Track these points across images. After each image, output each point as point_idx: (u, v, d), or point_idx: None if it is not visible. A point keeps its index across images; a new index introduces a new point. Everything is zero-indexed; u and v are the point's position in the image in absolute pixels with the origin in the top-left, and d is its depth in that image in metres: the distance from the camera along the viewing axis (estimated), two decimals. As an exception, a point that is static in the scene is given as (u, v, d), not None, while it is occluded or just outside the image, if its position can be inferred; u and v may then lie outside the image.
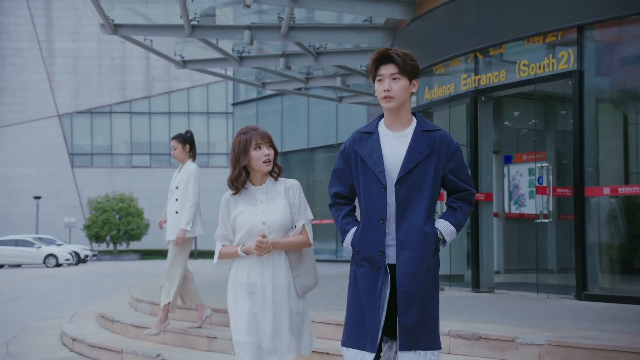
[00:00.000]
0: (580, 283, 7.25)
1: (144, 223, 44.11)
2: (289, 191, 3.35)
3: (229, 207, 3.33)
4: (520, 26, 7.97)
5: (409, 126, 3.03)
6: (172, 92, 51.89)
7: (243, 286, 3.29)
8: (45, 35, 51.33)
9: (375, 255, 2.96)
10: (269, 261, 3.29)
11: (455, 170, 3.02)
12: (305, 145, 23.11)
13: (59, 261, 31.92)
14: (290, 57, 12.75)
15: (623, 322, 5.36)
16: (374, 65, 3.01)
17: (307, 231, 3.34)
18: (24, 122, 50.47)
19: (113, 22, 10.80)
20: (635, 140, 7.95)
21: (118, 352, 6.24)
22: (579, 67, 7.38)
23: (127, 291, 11.20)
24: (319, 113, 22.93)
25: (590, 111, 7.45)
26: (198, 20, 10.85)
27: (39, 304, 12.59)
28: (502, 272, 11.70)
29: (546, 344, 4.39)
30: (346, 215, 3.10)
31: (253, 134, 3.29)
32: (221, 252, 3.36)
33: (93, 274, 23.79)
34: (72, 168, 50.75)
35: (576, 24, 7.35)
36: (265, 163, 3.28)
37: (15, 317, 10.46)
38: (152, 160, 51.62)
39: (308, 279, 3.36)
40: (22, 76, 50.76)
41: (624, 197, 7.45)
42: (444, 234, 3.00)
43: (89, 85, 51.41)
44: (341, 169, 3.11)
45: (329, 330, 5.44)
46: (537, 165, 8.25)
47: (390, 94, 2.96)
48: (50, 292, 15.46)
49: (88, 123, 51.50)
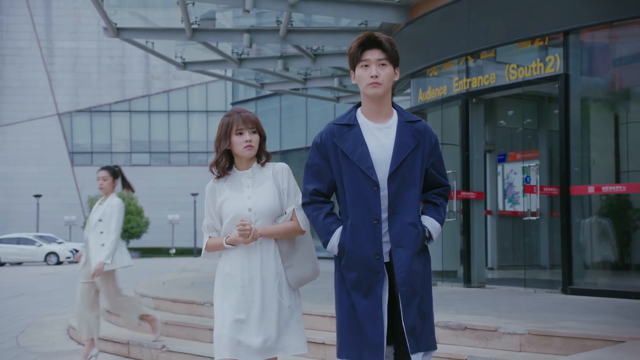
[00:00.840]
0: (566, 278, 7.57)
1: (143, 221, 44.38)
2: (278, 175, 3.14)
3: (214, 194, 3.13)
4: (509, 31, 8.28)
5: (391, 117, 2.85)
6: (171, 91, 52.16)
7: (231, 278, 3.08)
8: (45, 35, 51.58)
9: (371, 258, 2.76)
10: (257, 251, 3.07)
11: (436, 164, 2.90)
12: (304, 144, 23.41)
13: (59, 259, 32.20)
14: (288, 58, 13.05)
15: (603, 313, 5.68)
16: (359, 49, 2.78)
17: (298, 217, 3.08)
18: (24, 120, 50.74)
19: (116, 25, 11.09)
20: (619, 140, 8.25)
21: (124, 344, 6.55)
22: (565, 71, 7.69)
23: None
24: (317, 112, 23.23)
25: (575, 113, 7.76)
26: (198, 23, 11.16)
27: (43, 300, 12.88)
28: (496, 268, 12.00)
29: (526, 334, 4.71)
30: (328, 214, 2.86)
31: (235, 118, 3.09)
32: (208, 244, 3.16)
33: (94, 272, 24.05)
34: (72, 166, 51.04)
35: (562, 29, 7.66)
36: (247, 148, 3.08)
37: (21, 312, 10.76)
38: (151, 159, 51.92)
39: (303, 269, 3.12)
40: (22, 75, 51.02)
41: (608, 196, 7.77)
42: (431, 231, 2.86)
43: (88, 84, 51.69)
44: (317, 164, 2.86)
45: (324, 322, 5.75)
46: (524, 164, 8.57)
47: (378, 80, 2.76)
48: (53, 289, 15.76)
49: (88, 122, 51.77)
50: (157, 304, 7.83)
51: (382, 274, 2.76)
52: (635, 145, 8.09)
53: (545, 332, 4.65)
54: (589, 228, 7.83)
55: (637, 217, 7.92)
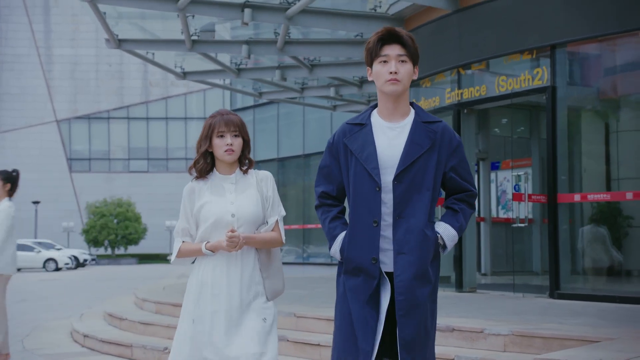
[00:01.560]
0: (553, 283, 7.85)
1: (141, 227, 44.59)
2: (262, 182, 3.02)
3: (192, 196, 2.98)
4: (499, 44, 8.58)
5: (407, 116, 2.70)
6: (169, 98, 52.42)
7: (206, 286, 2.92)
8: (44, 42, 51.87)
9: (367, 263, 2.63)
10: (237, 259, 2.94)
11: (457, 167, 2.71)
12: (301, 151, 23.68)
13: (58, 265, 32.39)
14: (285, 69, 13.36)
15: (584, 316, 5.96)
16: (377, 44, 2.65)
17: (280, 228, 3.00)
18: (23, 127, 50.97)
19: (117, 37, 11.38)
20: (606, 149, 8.56)
21: (128, 347, 6.81)
22: (552, 83, 7.99)
23: (131, 292, 11.77)
24: (314, 120, 23.49)
25: (562, 123, 8.07)
26: (198, 35, 11.45)
27: (45, 305, 13.13)
28: (489, 274, 12.29)
29: (510, 335, 4.98)
30: (334, 218, 2.76)
31: (217, 120, 2.97)
32: (181, 249, 2.97)
33: (93, 278, 24.31)
34: (71, 173, 51.24)
35: (549, 43, 7.97)
36: (227, 152, 2.95)
37: (24, 317, 11.01)
38: (149, 165, 52.15)
39: (277, 281, 3.03)
40: (20, 82, 51.26)
41: (597, 204, 8.07)
42: (445, 238, 2.68)
43: (87, 90, 51.95)
44: (328, 165, 2.77)
45: (321, 325, 6.02)
46: (513, 173, 8.86)
47: (397, 76, 2.62)
48: (54, 294, 16.00)
49: (86, 128, 52.00)
50: (159, 308, 8.09)
51: (378, 280, 2.62)
52: (621, 153, 8.40)
53: (528, 333, 4.93)
54: (579, 234, 8.12)
55: (621, 224, 8.21)
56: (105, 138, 51.98)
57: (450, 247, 2.70)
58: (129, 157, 52.02)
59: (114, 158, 51.90)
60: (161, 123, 52.35)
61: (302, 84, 15.09)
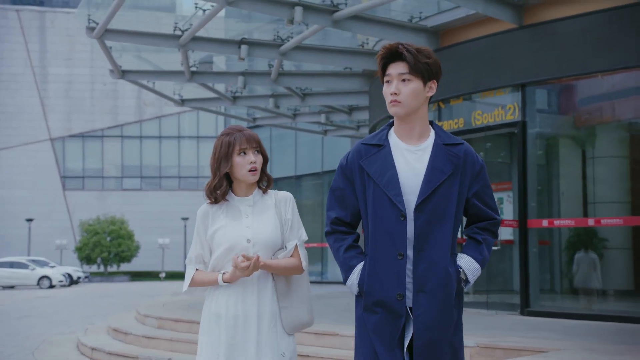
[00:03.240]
0: (524, 301, 8.59)
1: (134, 245, 45.03)
2: (281, 204, 2.77)
3: (206, 221, 2.76)
4: (475, 82, 9.38)
5: (426, 138, 2.49)
6: (162, 117, 53.10)
7: (220, 318, 2.71)
8: (39, 61, 52.59)
9: (392, 300, 2.40)
10: (254, 287, 2.71)
11: (481, 193, 2.50)
12: (293, 173, 24.44)
13: (52, 282, 32.73)
14: (279, 97, 14.14)
15: (545, 331, 6.68)
16: (381, 63, 2.50)
17: (300, 254, 2.75)
18: (17, 145, 51.50)
19: (121, 68, 12.13)
20: (571, 177, 9.35)
21: (134, 358, 7.46)
22: (522, 118, 8.78)
23: (131, 309, 12.40)
24: (306, 142, 24.28)
25: (532, 156, 8.85)
26: (197, 67, 12.21)
27: (46, 321, 13.70)
28: (471, 293, 13.01)
29: (476, 346, 5.70)
30: (349, 247, 2.53)
31: (237, 137, 2.72)
32: (194, 278, 2.75)
33: (88, 295, 24.80)
34: (64, 191, 51.71)
35: (520, 82, 8.78)
36: (251, 172, 2.72)
37: (30, 332, 11.59)
38: (142, 183, 52.72)
39: (299, 313, 2.74)
40: (15, 100, 51.87)
41: (556, 230, 8.84)
42: (467, 273, 2.47)
43: (81, 109, 52.60)
44: (342, 188, 2.54)
45: (309, 338, 6.70)
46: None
47: (397, 97, 2.44)
48: (53, 311, 16.55)
49: (80, 147, 52.57)
50: (161, 323, 8.75)
51: (405, 318, 2.40)
52: (587, 181, 9.18)
53: (491, 345, 5.65)
54: (544, 257, 8.87)
55: (596, 245, 8.93)
56: (99, 156, 52.56)
57: (472, 282, 2.49)
58: (123, 175, 52.57)
59: (107, 176, 52.43)
60: (154, 142, 53.00)
61: (294, 111, 15.87)
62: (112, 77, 12.25)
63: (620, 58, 7.85)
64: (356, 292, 2.51)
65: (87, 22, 9.94)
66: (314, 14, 8.99)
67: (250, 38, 10.65)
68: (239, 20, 11.05)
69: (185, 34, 10.00)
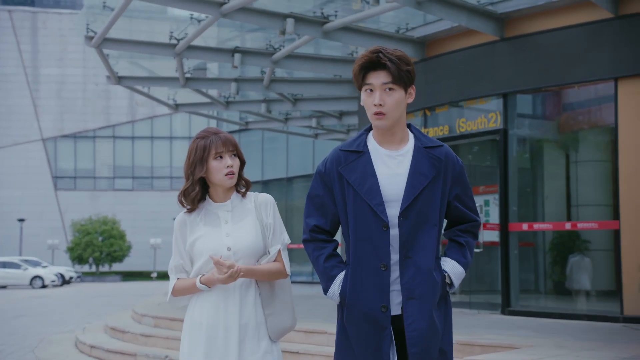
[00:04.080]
0: (505, 301, 9.00)
1: (126, 245, 45.25)
2: (261, 208, 2.67)
3: (184, 230, 2.66)
4: (458, 91, 9.79)
5: (406, 143, 2.44)
6: (155, 117, 53.32)
7: (201, 328, 2.60)
8: (31, 61, 52.69)
9: (375, 312, 2.35)
10: (235, 294, 2.60)
11: (462, 195, 2.46)
12: (285, 175, 24.81)
13: (44, 282, 32.93)
14: (271, 102, 14.51)
15: (524, 329, 7.08)
16: (360, 72, 2.39)
17: (283, 258, 2.66)
18: (9, 145, 51.60)
19: (117, 74, 12.46)
20: (547, 184, 9.77)
21: (132, 355, 7.81)
22: (504, 126, 9.20)
23: (127, 308, 12.73)
24: (297, 144, 24.61)
25: (513, 163, 9.27)
26: (191, 73, 12.56)
27: (42, 320, 14.00)
28: (457, 293, 13.41)
29: (456, 344, 6.08)
30: (330, 256, 2.46)
31: (213, 140, 2.61)
32: (175, 287, 2.66)
33: (81, 295, 25.07)
34: (56, 191, 51.83)
35: (501, 92, 9.19)
36: (228, 176, 2.61)
37: (28, 331, 11.90)
38: (134, 184, 52.91)
39: (283, 318, 2.67)
40: (7, 100, 51.95)
41: (540, 232, 9.25)
42: (452, 276, 2.43)
43: (73, 110, 52.74)
44: (320, 196, 2.47)
45: (300, 337, 7.08)
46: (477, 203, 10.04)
47: (382, 109, 2.36)
48: (47, 310, 16.83)
49: (72, 147, 52.72)
50: (157, 322, 9.10)
51: (389, 330, 2.36)
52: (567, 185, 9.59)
53: (469, 342, 6.04)
54: (525, 259, 9.29)
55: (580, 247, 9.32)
56: (91, 156, 52.72)
57: (457, 286, 2.45)
58: (114, 175, 52.76)
59: (99, 176, 52.60)
60: (147, 142, 53.21)
61: (286, 115, 16.24)
62: (109, 82, 12.58)
63: (595, 70, 8.28)
64: (337, 301, 2.45)
65: (86, 31, 10.27)
66: (305, 25, 9.36)
67: (244, 47, 11.01)
68: (232, 28, 11.40)
69: (181, 43, 10.36)
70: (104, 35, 10.01)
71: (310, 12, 9.52)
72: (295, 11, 9.37)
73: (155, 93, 14.62)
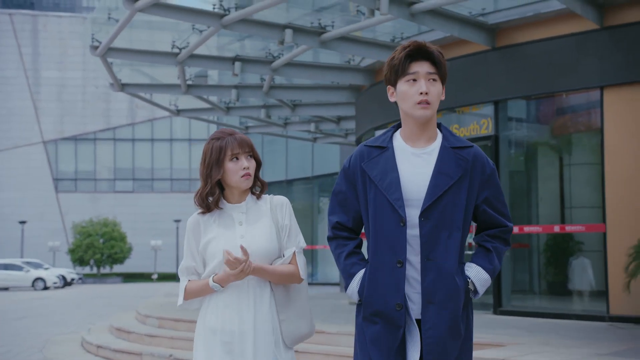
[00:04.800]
0: (496, 301, 9.32)
1: (126, 247, 45.55)
2: (277, 210, 2.62)
3: (197, 231, 2.62)
4: (452, 99, 10.06)
5: (434, 141, 2.38)
6: (155, 120, 53.63)
7: (215, 334, 2.55)
8: (32, 64, 53.02)
9: (391, 310, 2.29)
10: (250, 298, 2.55)
11: (491, 199, 2.39)
12: (284, 177, 25.14)
13: (46, 284, 33.20)
14: (270, 108, 14.85)
15: (513, 328, 7.40)
16: (405, 60, 2.33)
17: (298, 262, 2.60)
18: (10, 148, 51.92)
19: (121, 81, 12.79)
20: (537, 188, 10.11)
21: (138, 355, 8.13)
22: (495, 132, 9.53)
23: (127, 309, 13.03)
24: (297, 147, 24.97)
25: (504, 165, 9.60)
26: (192, 80, 12.89)
27: (45, 321, 14.30)
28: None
29: (446, 342, 6.41)
30: (351, 253, 2.42)
31: (229, 141, 2.57)
32: (187, 289, 2.61)
33: (83, 296, 25.38)
34: (57, 193, 52.15)
35: (493, 99, 9.52)
36: (244, 177, 2.57)
37: (32, 332, 12.20)
38: (135, 185, 53.23)
39: (300, 325, 2.59)
40: (8, 103, 52.27)
41: (531, 235, 9.58)
42: (476, 283, 2.34)
43: (73, 112, 53.06)
44: (343, 192, 2.44)
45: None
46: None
47: (428, 98, 2.31)
48: (50, 312, 17.13)
49: (72, 149, 53.04)
50: (161, 322, 9.42)
51: (404, 329, 2.29)
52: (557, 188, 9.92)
53: (459, 340, 6.36)
54: (515, 261, 9.62)
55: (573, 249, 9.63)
56: (91, 159, 53.04)
57: (481, 293, 2.36)
58: (115, 177, 53.08)
59: (99, 178, 52.93)
60: (147, 144, 53.54)
61: (285, 120, 16.58)
62: (112, 89, 12.91)
63: (582, 79, 8.62)
64: (357, 300, 2.41)
65: (91, 40, 10.60)
66: (303, 36, 9.68)
67: (243, 55, 11.34)
68: (232, 37, 11.74)
69: (183, 52, 10.68)
70: (109, 45, 10.34)
71: (308, 22, 9.84)
72: (293, 22, 9.71)
73: (157, 98, 14.95)
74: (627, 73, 8.26)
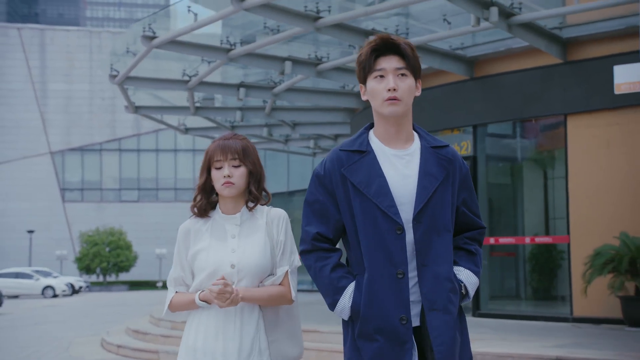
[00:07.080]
0: (475, 304, 10.38)
1: (132, 255, 46.49)
2: (273, 224, 2.47)
3: (187, 239, 2.48)
4: (434, 122, 11.21)
5: (412, 142, 2.29)
6: (159, 131, 54.65)
7: (197, 352, 2.41)
8: (40, 77, 54.19)
9: (394, 325, 2.17)
10: (236, 318, 2.41)
11: (468, 200, 2.32)
12: (286, 189, 26.20)
13: (55, 292, 34.15)
14: (272, 126, 15.98)
15: (485, 328, 8.44)
16: (372, 55, 2.22)
17: (290, 282, 2.45)
18: (18, 159, 53.03)
19: (135, 104, 13.92)
20: (514, 202, 11.19)
21: (154, 352, 9.19)
22: (474, 154, 10.62)
23: (138, 315, 14.02)
24: (298, 159, 26.01)
25: (482, 184, 10.69)
26: (200, 102, 14.03)
27: (62, 327, 15.21)
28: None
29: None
30: (336, 266, 2.26)
31: (215, 147, 2.47)
32: (172, 302, 2.50)
33: (92, 304, 26.32)
34: (63, 202, 53.16)
35: (472, 123, 10.62)
36: (224, 185, 2.42)
37: (51, 335, 13.14)
38: (140, 195, 54.25)
39: (289, 347, 2.47)
40: (15, 115, 53.36)
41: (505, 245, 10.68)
42: (467, 286, 2.29)
43: (80, 123, 54.14)
44: (321, 201, 2.27)
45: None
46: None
47: (397, 94, 2.20)
48: (63, 318, 18.00)
49: (79, 160, 54.10)
50: (174, 325, 10.48)
51: (411, 343, 2.18)
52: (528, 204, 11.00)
53: (434, 337, 7.41)
54: (493, 268, 10.69)
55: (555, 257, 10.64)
56: (98, 169, 54.09)
57: (472, 296, 2.32)
58: (120, 187, 54.08)
59: (105, 188, 53.94)
60: (152, 155, 54.60)
61: (286, 137, 17.71)
62: (127, 111, 14.04)
63: (548, 107, 9.72)
64: (347, 317, 2.25)
65: (110, 70, 11.73)
66: (301, 67, 10.80)
67: (247, 82, 12.47)
68: (237, 66, 12.87)
69: (193, 80, 11.81)
70: (126, 75, 11.47)
71: (306, 54, 10.96)
72: (292, 54, 10.82)
73: (166, 118, 16.08)
74: (587, 102, 9.37)
